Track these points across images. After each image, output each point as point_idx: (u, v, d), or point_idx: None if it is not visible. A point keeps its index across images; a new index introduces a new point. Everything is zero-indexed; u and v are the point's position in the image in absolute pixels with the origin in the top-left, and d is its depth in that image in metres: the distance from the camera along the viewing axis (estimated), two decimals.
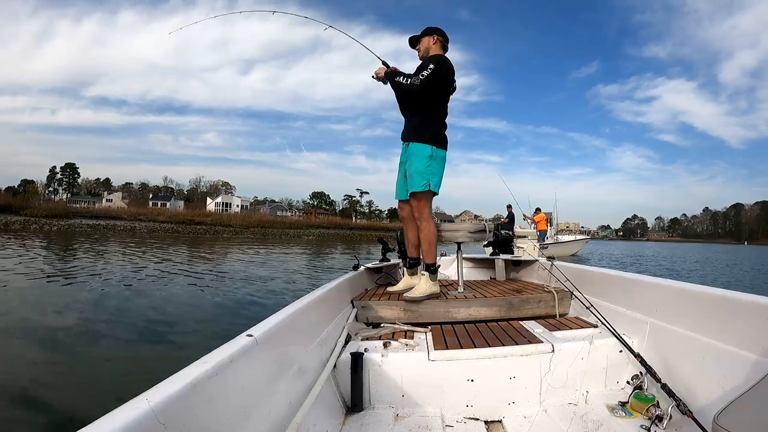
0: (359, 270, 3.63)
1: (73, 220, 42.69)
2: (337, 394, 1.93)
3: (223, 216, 62.96)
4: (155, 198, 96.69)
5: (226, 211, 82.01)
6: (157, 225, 45.62)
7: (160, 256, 14.08)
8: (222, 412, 1.15)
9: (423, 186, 2.95)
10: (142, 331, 4.91)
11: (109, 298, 6.53)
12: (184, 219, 52.41)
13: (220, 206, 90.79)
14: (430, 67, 2.84)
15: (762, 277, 16.25)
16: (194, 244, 22.24)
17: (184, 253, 16.19)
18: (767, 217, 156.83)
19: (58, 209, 47.32)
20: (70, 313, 5.57)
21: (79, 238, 22.82)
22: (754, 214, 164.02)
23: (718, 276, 16.00)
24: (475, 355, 2.05)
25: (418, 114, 3.01)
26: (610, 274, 2.75)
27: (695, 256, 32.79)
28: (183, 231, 39.15)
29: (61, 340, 4.46)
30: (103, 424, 0.81)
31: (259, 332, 1.44)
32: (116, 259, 12.85)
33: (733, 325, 1.69)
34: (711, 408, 1.46)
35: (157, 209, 67.79)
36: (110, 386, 3.28)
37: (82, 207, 59.42)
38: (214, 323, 5.48)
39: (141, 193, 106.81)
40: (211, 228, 46.81)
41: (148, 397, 0.91)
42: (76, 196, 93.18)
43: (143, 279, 8.61)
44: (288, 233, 46.76)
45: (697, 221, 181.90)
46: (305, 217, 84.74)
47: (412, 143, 3.01)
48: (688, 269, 18.44)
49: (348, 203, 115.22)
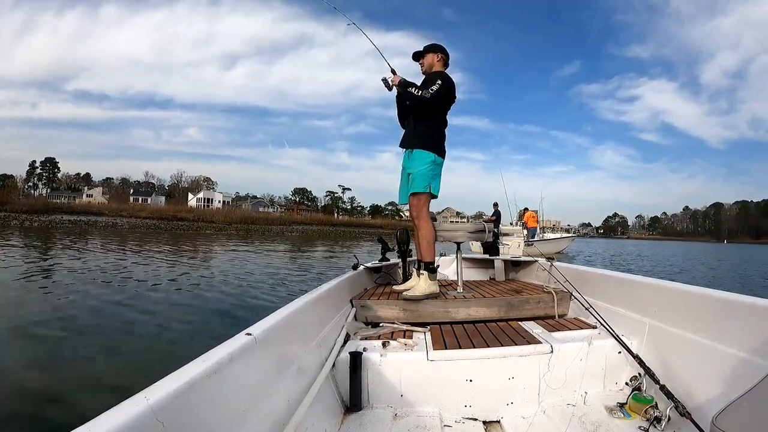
0: (359, 269, 3.64)
1: (54, 216, 41.78)
2: (335, 394, 1.93)
3: (206, 212, 62.53)
4: (136, 193, 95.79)
5: (207, 207, 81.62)
6: (139, 221, 44.86)
7: (146, 254, 13.81)
8: (221, 410, 1.15)
9: (424, 188, 3.12)
10: (133, 333, 4.79)
11: (106, 304, 6.19)
12: (167, 215, 51.89)
13: (202, 202, 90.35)
14: (438, 83, 3.04)
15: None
16: (179, 241, 21.88)
17: (171, 251, 15.87)
18: (746, 216, 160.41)
19: (39, 205, 46.53)
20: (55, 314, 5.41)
21: (61, 234, 22.28)
22: (733, 213, 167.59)
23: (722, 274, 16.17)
24: (474, 355, 2.06)
25: (423, 123, 3.20)
26: (609, 275, 2.78)
27: (694, 254, 32.99)
28: (166, 227, 38.42)
29: (40, 339, 4.36)
30: (101, 422, 0.80)
31: (258, 331, 1.44)
32: (107, 256, 12.57)
33: (732, 326, 1.71)
34: (709, 410, 1.47)
35: (138, 205, 67.22)
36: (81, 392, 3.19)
37: (62, 202, 58.56)
38: (213, 325, 5.36)
39: (121, 188, 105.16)
40: (193, 224, 46.22)
41: (147, 395, 0.91)
42: (56, 191, 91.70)
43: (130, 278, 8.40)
44: (271, 229, 46.31)
45: (677, 220, 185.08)
46: (287, 213, 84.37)
47: (417, 150, 3.18)
48: (688, 268, 18.47)
49: (330, 199, 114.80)
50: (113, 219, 44.58)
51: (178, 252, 15.65)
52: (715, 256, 30.79)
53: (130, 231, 29.79)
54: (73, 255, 12.37)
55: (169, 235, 27.50)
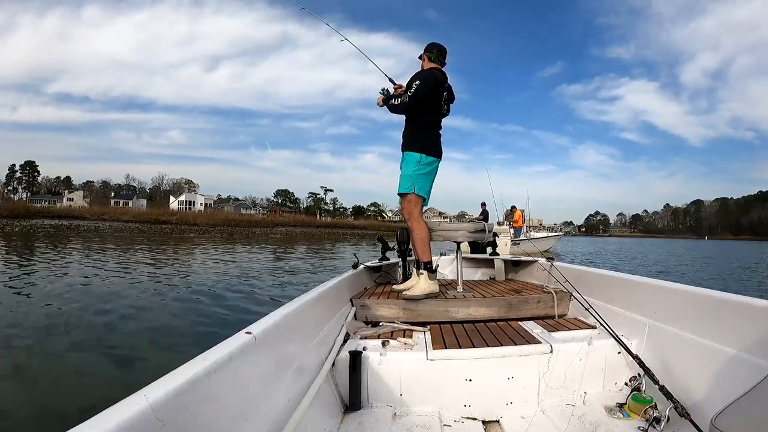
0: (359, 269, 3.63)
1: (36, 220, 41.17)
2: (335, 393, 1.93)
3: (189, 215, 61.85)
4: (117, 197, 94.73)
5: (189, 210, 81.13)
6: (122, 224, 44.36)
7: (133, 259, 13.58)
8: (221, 409, 1.15)
9: (408, 188, 3.15)
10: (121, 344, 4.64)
11: (103, 310, 6.03)
12: (149, 218, 51.47)
13: (184, 204, 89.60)
14: (416, 83, 3.08)
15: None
16: (163, 244, 21.47)
17: (157, 255, 15.61)
18: (726, 212, 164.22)
19: (20, 209, 45.98)
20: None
21: (43, 240, 21.68)
22: (713, 210, 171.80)
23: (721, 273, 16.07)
24: (473, 354, 2.06)
25: (408, 125, 3.26)
26: (609, 275, 2.79)
27: (682, 253, 32.95)
28: (149, 231, 37.78)
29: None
30: (101, 421, 0.80)
31: (258, 330, 1.44)
32: (94, 262, 12.30)
33: (731, 327, 1.72)
34: (709, 410, 1.49)
35: (120, 208, 66.36)
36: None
37: (42, 206, 57.46)
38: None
39: (102, 191, 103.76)
40: (177, 227, 45.84)
41: (147, 394, 0.91)
42: (36, 195, 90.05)
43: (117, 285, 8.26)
44: (255, 232, 45.93)
45: (658, 217, 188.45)
46: (270, 215, 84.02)
47: (405, 152, 3.23)
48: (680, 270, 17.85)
49: (312, 201, 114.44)
50: (95, 223, 44.06)
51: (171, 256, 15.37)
52: (700, 253, 30.77)
53: (114, 235, 29.20)
54: (58, 261, 12.06)
55: (154, 238, 26.88)
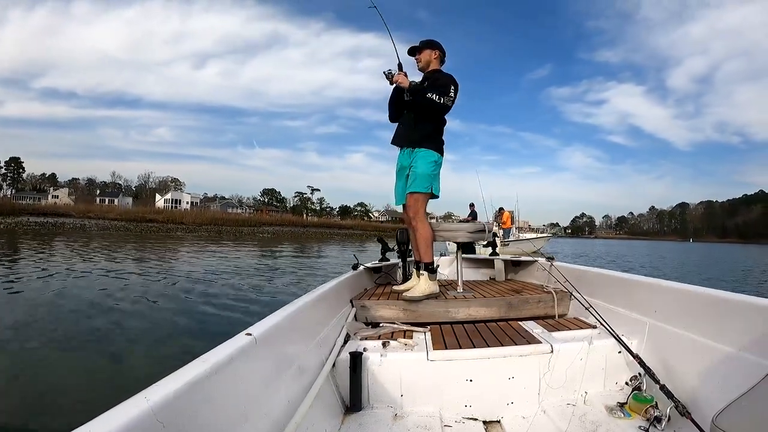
0: (358, 270, 3.61)
1: (21, 217, 40.54)
2: (335, 394, 1.92)
3: (176, 213, 61.39)
4: (102, 194, 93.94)
5: (176, 208, 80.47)
6: (108, 222, 43.59)
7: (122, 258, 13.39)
8: (221, 411, 1.15)
9: (426, 188, 3.09)
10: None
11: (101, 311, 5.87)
12: (135, 216, 51.08)
13: (170, 203, 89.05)
14: (453, 88, 3.04)
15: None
16: (150, 243, 21.21)
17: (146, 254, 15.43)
18: (712, 215, 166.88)
19: (4, 206, 45.36)
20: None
21: (29, 237, 21.26)
22: (698, 213, 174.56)
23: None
24: (474, 355, 2.06)
25: (428, 122, 3.15)
26: (609, 274, 2.79)
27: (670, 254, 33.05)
28: (135, 229, 37.19)
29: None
30: (101, 423, 0.80)
31: (258, 331, 1.44)
32: (91, 259, 12.10)
33: (731, 326, 1.73)
34: (709, 409, 1.49)
35: (106, 206, 65.86)
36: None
37: (27, 203, 56.77)
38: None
39: (88, 189, 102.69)
40: (163, 226, 45.16)
41: (147, 396, 0.91)
42: (21, 192, 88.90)
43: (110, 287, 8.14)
44: (242, 231, 45.54)
45: (644, 219, 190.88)
46: (256, 214, 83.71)
47: (421, 149, 3.12)
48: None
49: (299, 200, 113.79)
50: (81, 221, 43.33)
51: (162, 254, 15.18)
52: (689, 257, 30.67)
53: (101, 233, 28.75)
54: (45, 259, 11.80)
55: (141, 237, 26.52)
